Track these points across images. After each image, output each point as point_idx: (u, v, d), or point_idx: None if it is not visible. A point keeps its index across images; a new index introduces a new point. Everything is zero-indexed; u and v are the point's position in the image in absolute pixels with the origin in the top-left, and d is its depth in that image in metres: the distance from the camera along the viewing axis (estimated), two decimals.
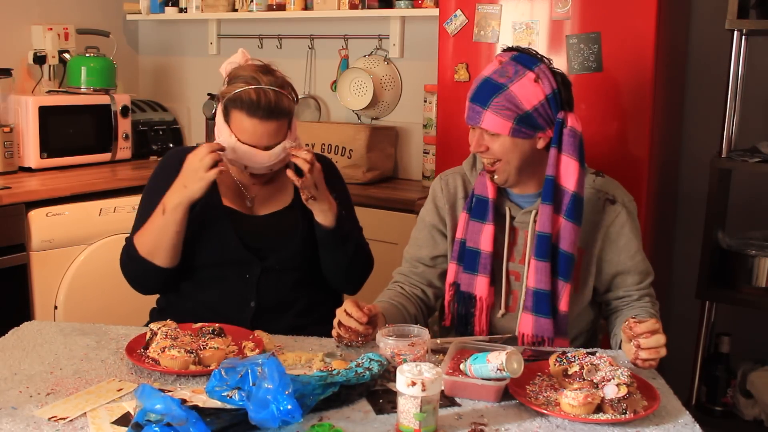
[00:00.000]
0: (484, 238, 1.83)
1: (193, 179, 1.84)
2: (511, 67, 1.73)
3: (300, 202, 1.93)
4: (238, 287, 1.95)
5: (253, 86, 1.86)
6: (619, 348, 1.69)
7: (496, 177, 1.80)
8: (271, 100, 1.86)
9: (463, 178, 1.95)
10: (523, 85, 1.71)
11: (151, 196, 1.98)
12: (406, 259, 1.98)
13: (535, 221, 1.81)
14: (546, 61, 1.77)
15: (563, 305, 1.76)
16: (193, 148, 2.09)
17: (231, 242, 1.94)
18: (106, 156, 3.46)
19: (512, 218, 1.85)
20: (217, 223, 1.96)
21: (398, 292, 1.91)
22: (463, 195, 1.93)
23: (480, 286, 1.83)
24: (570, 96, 1.79)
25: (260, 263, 1.96)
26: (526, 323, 1.79)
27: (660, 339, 1.51)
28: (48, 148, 3.21)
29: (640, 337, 1.51)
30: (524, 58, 1.75)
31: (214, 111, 1.97)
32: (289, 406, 1.23)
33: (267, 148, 1.89)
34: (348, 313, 1.65)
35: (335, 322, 1.68)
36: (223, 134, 1.89)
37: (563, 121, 1.73)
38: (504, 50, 1.81)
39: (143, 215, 1.95)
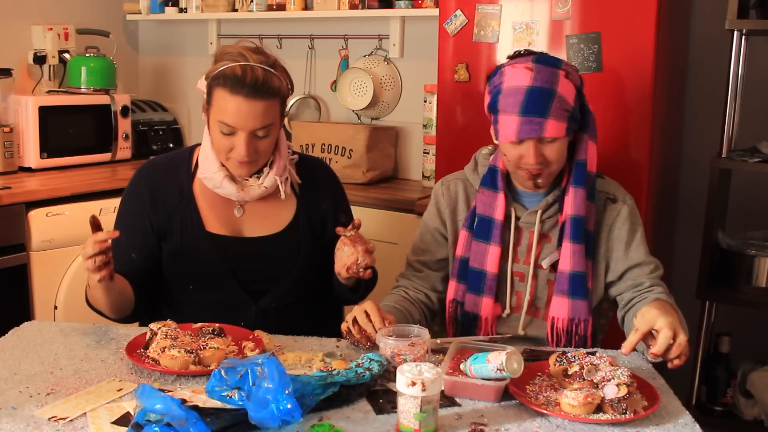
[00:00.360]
0: (490, 259, 1.82)
1: (90, 276, 1.63)
2: (545, 70, 1.71)
3: (302, 223, 1.84)
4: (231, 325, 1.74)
5: (240, 63, 1.68)
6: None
7: (540, 181, 1.78)
8: (258, 77, 1.67)
9: (465, 183, 1.94)
10: (563, 83, 1.71)
11: (121, 223, 1.83)
12: (410, 263, 1.97)
13: (541, 221, 1.82)
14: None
15: (590, 284, 1.80)
16: (161, 159, 1.92)
17: (221, 280, 1.80)
18: (106, 156, 3.46)
19: (517, 218, 1.85)
20: (201, 257, 1.80)
21: (403, 297, 1.90)
22: (464, 198, 1.93)
23: (486, 307, 1.84)
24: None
25: (255, 306, 1.84)
26: (560, 307, 1.78)
27: (665, 337, 1.47)
28: (48, 148, 3.21)
29: (654, 350, 1.48)
30: (546, 59, 1.75)
31: None
32: (289, 405, 1.23)
33: (254, 135, 1.70)
34: (368, 316, 1.62)
35: (350, 317, 1.65)
36: (206, 133, 1.76)
37: (587, 106, 1.78)
38: (513, 56, 1.78)
39: (113, 244, 1.64)
